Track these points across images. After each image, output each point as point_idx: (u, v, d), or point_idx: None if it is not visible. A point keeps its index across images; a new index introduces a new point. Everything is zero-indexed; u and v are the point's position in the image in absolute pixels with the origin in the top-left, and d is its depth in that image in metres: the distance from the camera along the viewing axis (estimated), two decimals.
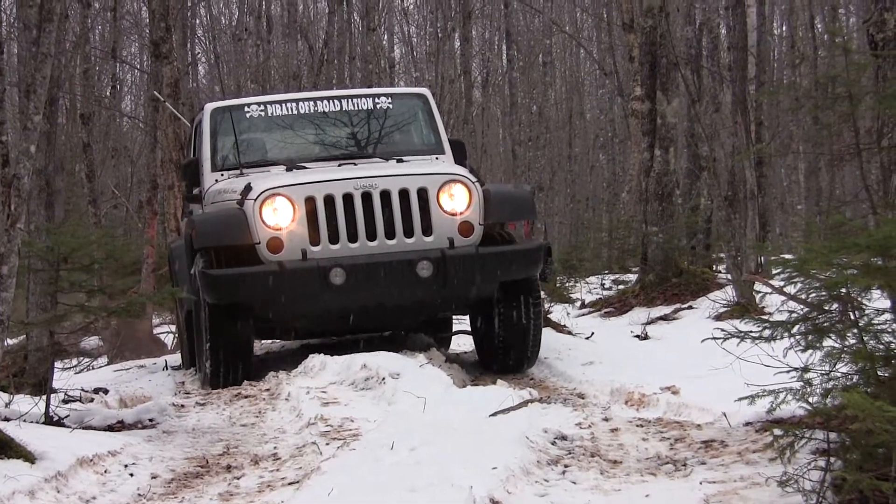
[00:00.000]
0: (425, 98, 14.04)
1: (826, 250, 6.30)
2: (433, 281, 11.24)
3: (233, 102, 14.31)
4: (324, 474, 7.22)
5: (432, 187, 11.54)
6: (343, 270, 11.02)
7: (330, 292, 11.10)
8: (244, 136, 13.39)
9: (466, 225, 11.53)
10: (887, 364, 6.12)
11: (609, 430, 8.55)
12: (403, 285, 11.33)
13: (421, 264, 11.14)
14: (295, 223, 11.27)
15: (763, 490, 6.46)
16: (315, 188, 11.39)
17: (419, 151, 13.48)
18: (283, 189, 11.40)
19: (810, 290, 6.45)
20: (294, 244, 11.19)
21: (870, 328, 6.28)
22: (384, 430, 8.42)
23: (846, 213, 8.38)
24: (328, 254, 11.22)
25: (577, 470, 7.26)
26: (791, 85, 19.24)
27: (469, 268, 11.35)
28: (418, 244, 11.41)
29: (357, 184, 11.38)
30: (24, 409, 9.74)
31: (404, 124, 14.05)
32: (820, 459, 5.95)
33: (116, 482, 8.15)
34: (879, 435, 5.09)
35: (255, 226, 11.24)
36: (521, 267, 11.79)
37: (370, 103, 13.75)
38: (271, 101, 13.79)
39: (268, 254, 11.24)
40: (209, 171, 13.15)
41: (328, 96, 14.02)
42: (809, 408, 6.22)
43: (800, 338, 6.50)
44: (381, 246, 11.36)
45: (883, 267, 6.12)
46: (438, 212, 11.51)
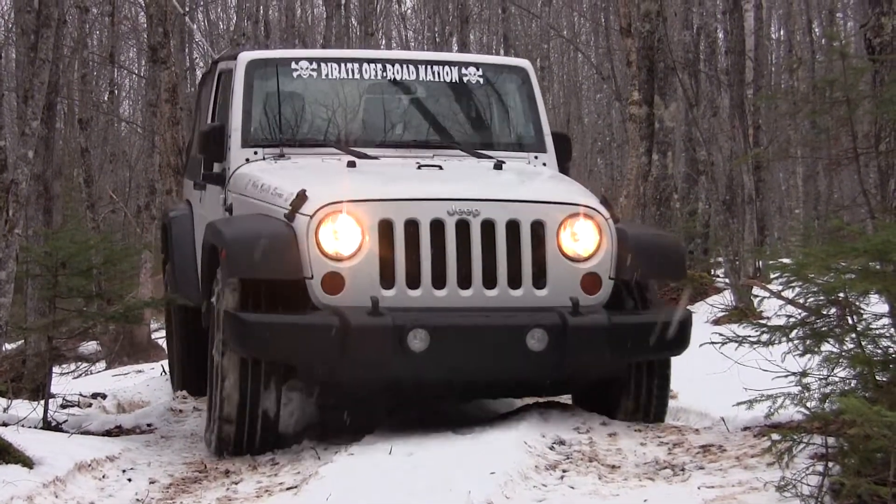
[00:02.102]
0: (526, 74, 10.38)
1: (824, 255, 6.31)
2: (548, 357, 7.93)
3: (276, 55, 10.71)
4: (322, 479, 7.23)
5: (552, 221, 8.18)
6: (427, 333, 7.71)
7: (405, 360, 7.77)
8: (289, 103, 9.98)
9: (593, 278, 8.23)
10: (885, 369, 6.13)
11: (607, 435, 8.55)
12: (507, 359, 8.03)
13: (533, 333, 7.83)
14: (362, 255, 7.93)
15: (761, 495, 6.46)
16: (394, 208, 8.02)
17: (514, 146, 10.17)
18: (351, 205, 8.00)
19: (808, 294, 6.46)
20: (358, 285, 7.89)
21: (868, 333, 6.29)
22: (382, 435, 8.43)
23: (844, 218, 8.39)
24: (404, 302, 7.93)
25: (576, 475, 7.25)
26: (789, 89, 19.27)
27: (597, 343, 8.09)
28: (528, 299, 8.11)
29: (452, 207, 8.01)
30: (23, 413, 9.75)
31: (497, 107, 10.53)
32: (818, 464, 5.96)
33: (115, 487, 8.15)
34: (877, 440, 5.09)
35: (308, 253, 7.92)
36: (666, 345, 8.40)
37: (455, 74, 10.17)
38: (327, 59, 10.11)
39: (322, 294, 7.93)
40: (238, 146, 9.58)
41: (403, 59, 10.38)
42: (807, 412, 6.23)
43: (798, 342, 6.51)
44: (476, 297, 8.04)
45: (881, 271, 6.13)
46: (557, 256, 8.17)
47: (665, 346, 8.39)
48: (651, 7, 18.32)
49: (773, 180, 32.16)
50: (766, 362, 6.62)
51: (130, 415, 11.25)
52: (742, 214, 21.96)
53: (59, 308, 11.18)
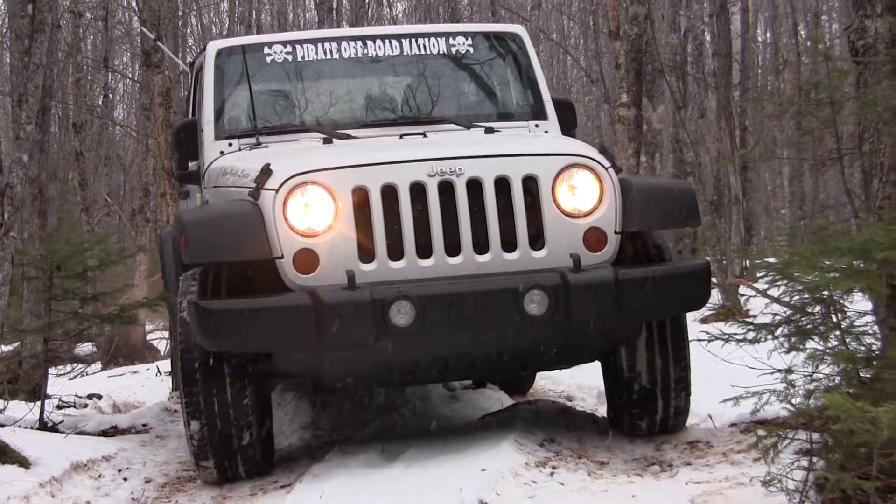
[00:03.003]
0: (520, 39, 9.42)
1: (809, 254, 6.33)
2: (549, 321, 6.93)
3: (246, 41, 9.85)
4: (315, 477, 7.25)
5: (546, 175, 7.25)
6: (411, 305, 6.74)
7: (391, 338, 6.81)
8: (263, 90, 9.13)
9: (596, 234, 7.26)
10: (869, 365, 6.16)
11: (597, 433, 8.58)
12: (503, 327, 7.02)
13: (530, 295, 6.85)
14: (337, 228, 7.00)
15: (747, 490, 6.50)
16: (368, 173, 7.11)
17: (512, 115, 9.12)
18: (320, 174, 7.12)
19: (793, 292, 6.48)
20: (335, 260, 6.96)
21: (852, 330, 6.32)
22: (374, 434, 8.46)
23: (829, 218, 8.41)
24: (387, 275, 7.00)
25: (565, 471, 7.27)
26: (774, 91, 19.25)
27: (604, 302, 7.01)
28: (524, 262, 7.15)
29: (432, 167, 7.08)
30: (19, 415, 9.77)
31: (490, 76, 9.45)
32: (803, 459, 5.98)
33: (110, 487, 8.18)
34: (861, 435, 5.11)
35: (276, 231, 6.99)
36: (681, 300, 7.52)
37: (443, 45, 9.18)
38: (301, 40, 9.24)
39: (295, 274, 7.00)
40: (212, 139, 8.77)
41: (384, 34, 9.35)
42: (793, 409, 6.24)
43: (783, 340, 6.53)
44: (467, 264, 7.09)
45: (864, 270, 6.15)
46: (555, 212, 7.22)
47: (682, 302, 7.54)
48: (639, 10, 18.33)
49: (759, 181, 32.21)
50: (752, 360, 6.65)
51: (126, 415, 11.27)
52: (729, 214, 22.03)
53: (54, 310, 11.19)
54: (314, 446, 8.82)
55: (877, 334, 6.50)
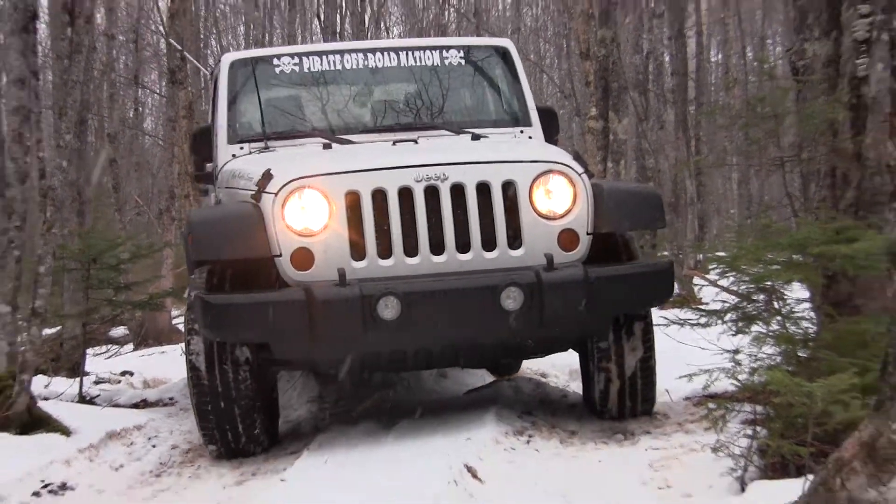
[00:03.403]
0: (507, 52, 9.23)
1: (754, 249, 6.36)
2: (524, 315, 6.78)
3: (258, 53, 9.60)
4: (319, 445, 7.26)
5: (523, 180, 7.06)
6: (397, 300, 6.62)
7: (379, 330, 6.66)
8: (272, 98, 8.94)
9: (569, 235, 7.09)
10: (805, 346, 6.18)
11: (567, 406, 8.60)
12: (482, 321, 6.87)
13: (507, 292, 6.73)
14: (331, 228, 6.86)
15: (699, 455, 6.52)
16: (360, 179, 6.95)
17: (498, 122, 8.93)
18: (316, 179, 6.96)
19: (741, 283, 6.51)
20: (329, 258, 6.83)
21: (791, 316, 6.35)
22: (372, 408, 8.47)
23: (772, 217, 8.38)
24: (376, 272, 6.85)
25: (540, 439, 7.29)
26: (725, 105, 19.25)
27: (574, 298, 6.87)
28: (503, 260, 6.97)
29: (419, 173, 6.94)
30: (61, 389, 9.78)
31: (480, 86, 9.30)
32: (748, 429, 6.00)
33: (141, 452, 8.18)
34: (798, 407, 5.14)
35: (276, 231, 6.86)
36: (646, 296, 7.35)
37: (436, 58, 9.05)
38: (308, 53, 9.09)
39: (292, 271, 6.85)
40: (225, 143, 8.62)
41: (382, 47, 9.22)
42: (739, 385, 6.27)
43: (731, 324, 6.56)
44: (450, 262, 6.93)
45: (802, 263, 6.18)
46: (531, 215, 7.04)
47: (648, 298, 7.36)
48: (606, 34, 18.33)
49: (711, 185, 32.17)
50: (704, 342, 6.66)
51: (154, 390, 11.26)
52: (685, 214, 22.06)
53: (91, 298, 11.21)
54: (320, 418, 8.82)
55: (813, 319, 6.53)
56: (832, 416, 5.01)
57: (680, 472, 6.32)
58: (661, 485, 6.15)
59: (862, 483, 3.84)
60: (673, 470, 6.37)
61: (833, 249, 5.97)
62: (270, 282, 6.99)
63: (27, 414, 7.91)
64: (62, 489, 6.99)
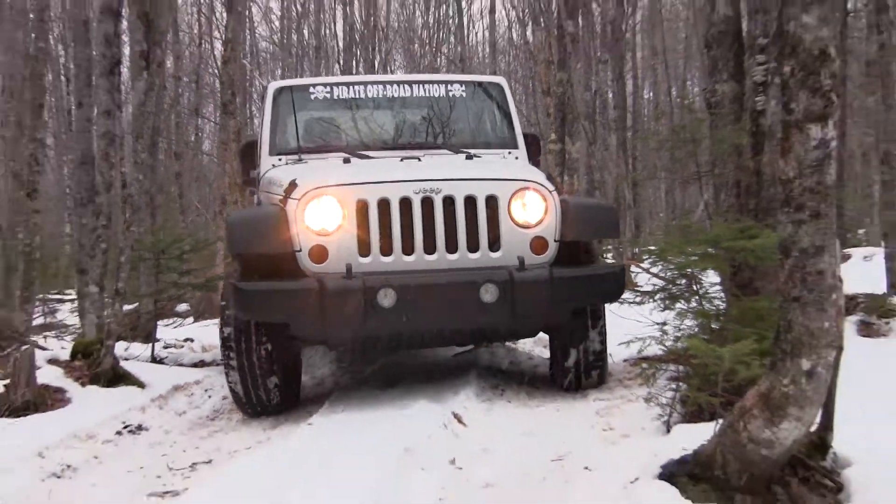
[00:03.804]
0: (501, 87, 9.13)
1: (677, 244, 6.36)
2: (498, 307, 6.67)
3: (297, 82, 9.22)
4: (338, 397, 7.27)
5: (503, 195, 6.93)
6: (394, 291, 6.54)
7: (378, 316, 6.59)
8: (306, 119, 8.94)
9: (540, 241, 6.97)
10: (717, 319, 6.19)
11: (533, 367, 8.60)
12: (464, 311, 6.73)
13: (485, 287, 6.63)
14: (343, 229, 6.77)
15: (635, 404, 6.53)
16: (369, 189, 6.83)
17: (491, 144, 8.75)
18: (332, 189, 6.84)
19: (667, 270, 6.51)
20: (340, 254, 6.73)
21: (706, 296, 6.35)
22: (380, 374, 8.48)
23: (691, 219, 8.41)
24: (379, 267, 6.72)
25: (511, 393, 7.30)
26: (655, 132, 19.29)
27: (540, 294, 6.75)
28: (484, 260, 6.85)
29: (417, 187, 6.84)
30: (137, 352, 9.77)
31: (477, 114, 9.13)
32: (672, 384, 6.00)
33: (199, 401, 8.18)
34: (711, 367, 5.14)
35: (298, 230, 6.78)
36: (600, 293, 7.17)
37: (443, 90, 8.97)
38: (338, 83, 9.02)
39: (310, 264, 6.76)
40: (267, 155, 8.52)
41: (399, 80, 9.16)
42: (665, 349, 6.28)
43: (660, 302, 6.56)
44: (440, 261, 6.81)
45: (714, 254, 6.18)
46: (509, 223, 6.92)
47: (602, 295, 7.11)
48: (563, 76, 18.31)
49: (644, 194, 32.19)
50: (639, 316, 6.67)
51: (210, 353, 11.23)
52: (624, 217, 22.03)
53: (161, 280, 11.19)
54: (338, 375, 8.82)
55: (722, 298, 6.54)
56: (737, 374, 5.01)
57: (620, 417, 6.33)
58: (605, 427, 6.15)
59: (759, 425, 3.85)
60: (615, 416, 6.38)
61: (738, 244, 5.99)
62: (292, 273, 6.77)
63: (111, 371, 7.92)
64: (138, 429, 6.99)
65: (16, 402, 6.86)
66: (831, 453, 4.20)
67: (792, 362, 3.76)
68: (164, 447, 6.49)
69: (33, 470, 5.63)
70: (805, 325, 3.72)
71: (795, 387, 3.75)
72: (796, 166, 3.71)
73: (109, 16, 9.91)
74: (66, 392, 7.48)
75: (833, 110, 3.70)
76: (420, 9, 40.78)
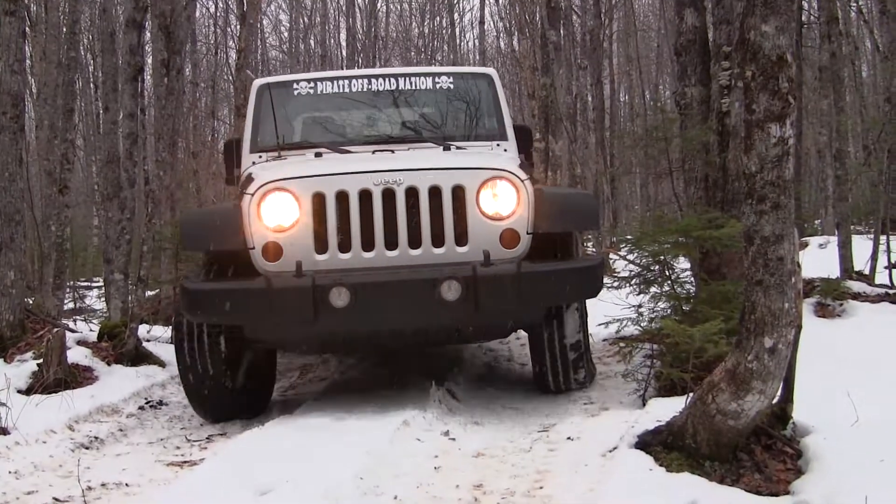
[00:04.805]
0: (490, 79, 7.91)
1: (652, 233, 6.36)
2: (461, 305, 5.62)
3: (281, 79, 8.16)
4: (336, 379, 7.26)
5: (471, 185, 5.88)
6: (347, 291, 5.56)
7: (331, 316, 5.60)
8: (289, 115, 7.86)
9: (510, 233, 5.89)
10: (688, 302, 6.20)
11: (520, 345, 8.59)
12: (424, 310, 5.72)
13: (446, 285, 5.58)
14: (299, 225, 5.82)
15: (614, 380, 6.55)
16: (326, 182, 5.86)
17: (479, 137, 7.52)
18: (287, 182, 5.90)
19: (642, 257, 6.51)
20: (295, 251, 5.80)
21: (678, 280, 6.36)
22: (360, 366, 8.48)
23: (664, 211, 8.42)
24: (337, 264, 5.78)
25: (500, 372, 7.31)
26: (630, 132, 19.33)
27: (506, 291, 5.66)
28: (449, 256, 5.82)
29: (378, 178, 5.83)
30: (159, 334, 9.72)
31: (465, 107, 7.91)
32: (647, 361, 6.02)
33: None
34: (683, 345, 5.15)
35: (251, 227, 5.86)
36: (574, 290, 5.96)
37: (429, 83, 7.76)
38: (322, 78, 7.88)
39: (263, 262, 5.82)
40: (248, 152, 7.52)
41: (384, 74, 7.95)
42: (641, 329, 6.29)
43: (635, 286, 6.57)
44: (402, 256, 5.80)
45: (685, 243, 6.19)
46: (477, 216, 5.86)
47: (577, 292, 6.01)
48: (546, 81, 18.31)
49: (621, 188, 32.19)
50: (616, 299, 6.67)
51: None
52: (602, 209, 22.05)
53: (179, 268, 11.16)
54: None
55: (693, 283, 6.55)
56: (706, 351, 5.02)
57: (600, 392, 6.34)
58: (586, 401, 6.16)
59: (726, 398, 3.85)
60: (595, 391, 6.39)
61: (707, 234, 5.99)
62: (249, 271, 5.86)
63: (135, 351, 7.89)
64: (159, 404, 6.97)
65: (48, 379, 6.84)
66: (791, 423, 4.21)
67: (756, 340, 3.76)
68: (183, 421, 6.48)
69: (64, 441, 5.63)
70: (767, 307, 3.72)
71: (759, 363, 3.76)
72: (758, 162, 3.71)
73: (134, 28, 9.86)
74: (94, 370, 7.45)
75: (790, 111, 3.70)
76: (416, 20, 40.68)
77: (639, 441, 4.18)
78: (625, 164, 24.54)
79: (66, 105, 13.77)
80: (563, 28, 22.35)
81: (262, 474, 4.22)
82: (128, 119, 10.09)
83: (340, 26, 38.64)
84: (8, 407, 5.94)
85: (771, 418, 4.14)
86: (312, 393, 6.90)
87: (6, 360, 7.52)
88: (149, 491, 4.58)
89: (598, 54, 23.92)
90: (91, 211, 28.52)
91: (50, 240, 13.14)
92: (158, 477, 4.86)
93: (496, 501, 4.02)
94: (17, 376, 6.98)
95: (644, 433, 4.23)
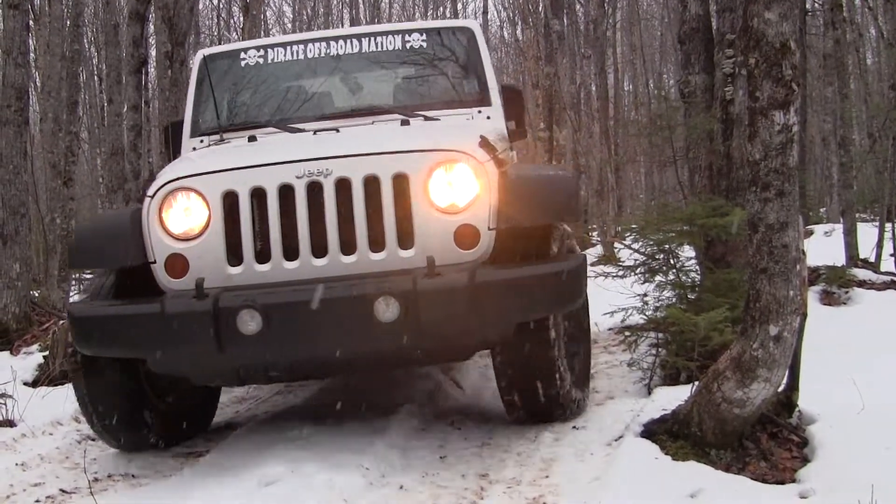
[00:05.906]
0: (471, 33, 6.44)
1: (656, 221, 6.34)
2: (400, 327, 4.25)
3: (227, 48, 6.69)
4: None
5: (418, 171, 4.52)
6: (258, 314, 4.26)
7: (241, 346, 4.29)
8: (235, 90, 6.44)
9: (467, 230, 4.55)
10: (693, 290, 6.19)
11: None
12: (355, 334, 4.34)
13: (382, 302, 4.23)
14: (208, 232, 4.58)
15: (619, 368, 6.53)
16: (238, 177, 4.58)
17: (457, 103, 6.10)
18: (192, 180, 4.66)
19: (647, 246, 6.50)
20: (202, 265, 4.56)
21: (683, 269, 6.34)
22: None
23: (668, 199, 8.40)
24: (253, 279, 4.51)
25: None
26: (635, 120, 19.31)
27: (456, 307, 4.31)
28: (392, 262, 4.49)
29: (301, 169, 4.52)
30: None
31: (440, 68, 6.41)
32: (653, 350, 6.01)
33: None
34: (688, 334, 5.14)
35: (151, 236, 4.62)
36: (546, 301, 4.58)
37: (398, 42, 6.30)
38: (273, 45, 6.46)
39: (167, 279, 4.61)
40: (188, 136, 6.23)
41: (345, 35, 6.46)
42: (646, 318, 6.28)
43: (640, 275, 6.55)
44: (333, 265, 4.48)
45: (689, 231, 6.17)
46: (426, 210, 4.51)
47: (546, 303, 4.60)
48: (549, 70, 18.28)
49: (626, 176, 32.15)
50: (622, 288, 6.66)
51: None
52: (608, 198, 22.01)
53: None
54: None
55: (697, 271, 6.53)
56: (712, 340, 5.01)
57: (605, 381, 6.33)
58: (592, 390, 6.16)
59: (732, 386, 3.84)
60: (600, 380, 6.37)
61: (711, 222, 5.97)
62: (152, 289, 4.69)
63: None
64: None
65: (54, 371, 6.85)
66: (797, 411, 4.20)
67: (761, 328, 3.75)
68: None
69: (71, 433, 5.64)
70: (772, 294, 3.71)
71: (764, 351, 3.75)
72: (762, 149, 3.70)
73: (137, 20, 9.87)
74: None
75: (794, 98, 3.69)
76: (420, 10, 40.60)
77: (644, 430, 4.17)
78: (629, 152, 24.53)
79: (70, 98, 13.77)
80: (567, 17, 22.31)
81: None
82: (132, 111, 10.11)
83: (344, 17, 38.53)
84: (14, 399, 5.95)
85: (776, 406, 4.13)
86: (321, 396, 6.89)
87: (12, 352, 7.53)
88: (155, 482, 4.59)
89: (602, 43, 23.87)
90: (96, 203, 28.52)
91: (55, 232, 13.15)
92: (165, 468, 4.87)
93: (502, 490, 4.02)
94: (24, 368, 6.99)
95: (649, 422, 4.23)
